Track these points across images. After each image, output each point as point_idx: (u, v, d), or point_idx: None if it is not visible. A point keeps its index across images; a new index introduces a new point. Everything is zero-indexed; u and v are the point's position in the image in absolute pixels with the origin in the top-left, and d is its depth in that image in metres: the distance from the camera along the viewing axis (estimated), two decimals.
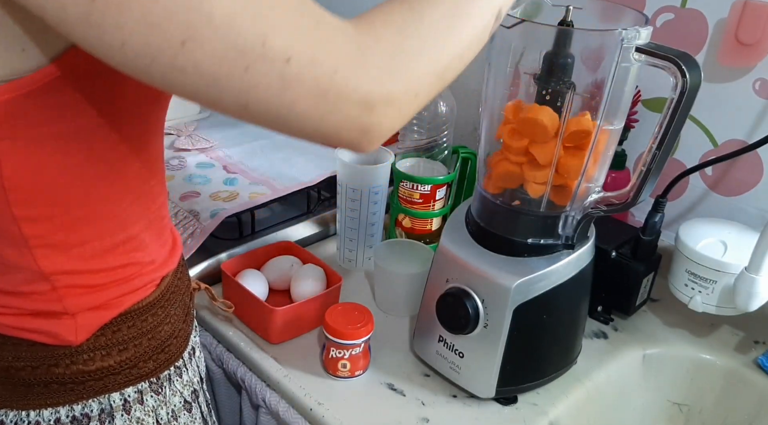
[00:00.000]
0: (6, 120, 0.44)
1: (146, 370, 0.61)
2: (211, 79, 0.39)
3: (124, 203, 0.55)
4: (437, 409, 0.75)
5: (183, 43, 0.37)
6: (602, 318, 0.91)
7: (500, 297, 0.71)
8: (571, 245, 0.73)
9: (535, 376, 0.77)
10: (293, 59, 0.39)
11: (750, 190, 0.91)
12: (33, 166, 0.47)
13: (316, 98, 0.41)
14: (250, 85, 0.39)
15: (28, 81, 0.43)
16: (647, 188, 0.68)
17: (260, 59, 0.39)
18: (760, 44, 0.83)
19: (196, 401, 0.68)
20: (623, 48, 0.62)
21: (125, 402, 0.60)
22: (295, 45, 0.39)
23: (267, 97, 0.40)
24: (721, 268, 0.80)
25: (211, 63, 0.38)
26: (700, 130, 0.93)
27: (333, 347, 0.77)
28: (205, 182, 1.06)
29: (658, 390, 0.87)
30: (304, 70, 0.40)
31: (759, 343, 0.88)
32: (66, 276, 0.54)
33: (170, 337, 0.63)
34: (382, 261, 0.89)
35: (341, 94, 0.41)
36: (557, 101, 0.66)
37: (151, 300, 0.60)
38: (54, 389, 0.57)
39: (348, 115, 0.42)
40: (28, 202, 0.49)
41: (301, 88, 0.40)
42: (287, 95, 0.40)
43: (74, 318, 0.56)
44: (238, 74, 0.39)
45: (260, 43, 0.38)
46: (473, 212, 0.78)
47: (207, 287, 0.83)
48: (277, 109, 0.41)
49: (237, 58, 0.38)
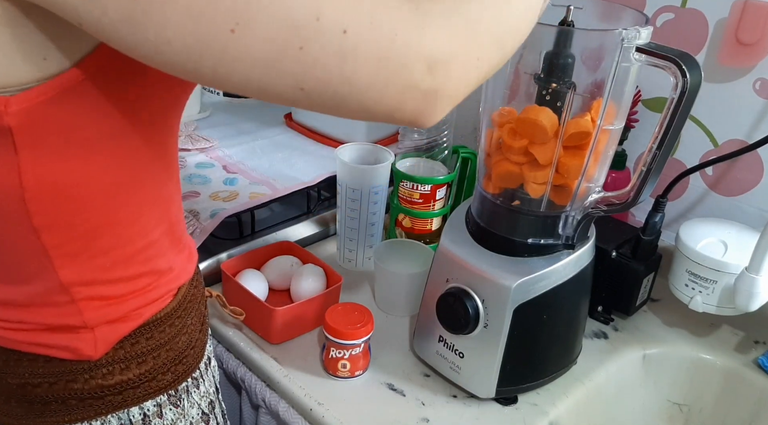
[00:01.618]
0: (26, 128, 0.43)
1: (164, 382, 0.60)
2: (264, 64, 0.37)
3: (144, 208, 0.54)
4: (437, 409, 0.75)
5: (233, 30, 0.36)
6: (602, 318, 0.91)
7: (500, 297, 0.71)
8: (571, 245, 0.73)
9: (535, 376, 0.77)
10: (350, 29, 0.37)
11: (750, 190, 0.91)
12: (53, 174, 0.46)
13: (378, 66, 0.39)
14: (306, 65, 0.38)
15: (50, 87, 0.42)
16: (647, 188, 0.68)
17: (316, 35, 0.37)
18: (760, 44, 0.83)
19: (213, 412, 0.67)
20: (623, 48, 0.62)
21: (144, 416, 0.59)
22: (350, 14, 0.37)
23: (325, 74, 0.38)
24: (721, 268, 0.80)
25: (264, 46, 0.36)
26: (701, 129, 0.93)
27: (333, 347, 0.77)
28: (205, 182, 1.06)
29: (658, 390, 0.87)
30: (363, 38, 0.38)
31: (759, 343, 0.88)
32: (85, 288, 0.53)
33: (187, 348, 0.62)
34: (382, 261, 0.89)
35: (403, 57, 0.39)
36: (557, 101, 0.66)
37: (168, 311, 0.59)
38: (72, 405, 0.56)
39: (411, 80, 0.40)
40: (47, 211, 0.47)
41: (361, 58, 0.38)
42: (347, 68, 0.38)
43: (93, 331, 0.54)
44: (293, 54, 0.37)
45: (314, 17, 0.36)
46: (473, 212, 0.78)
47: (218, 295, 0.83)
48: (336, 86, 0.39)
49: (291, 37, 0.36)
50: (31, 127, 0.43)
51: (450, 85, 0.42)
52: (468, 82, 0.44)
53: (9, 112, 0.41)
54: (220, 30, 0.36)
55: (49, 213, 0.48)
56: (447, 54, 0.41)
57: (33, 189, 0.46)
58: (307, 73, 0.38)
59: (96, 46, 0.42)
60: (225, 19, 0.35)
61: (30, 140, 0.43)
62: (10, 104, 0.41)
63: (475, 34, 0.43)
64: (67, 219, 0.49)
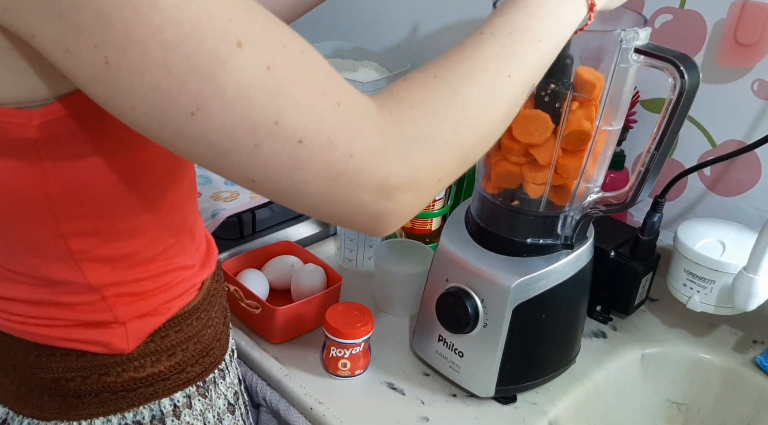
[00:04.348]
0: (50, 140, 0.44)
1: (193, 374, 0.61)
2: (218, 150, 0.37)
3: (165, 211, 0.55)
4: (437, 408, 0.76)
5: (192, 114, 0.36)
6: (601, 317, 0.91)
7: (500, 296, 0.71)
8: (570, 245, 0.73)
9: (534, 375, 0.77)
10: (306, 141, 0.37)
11: (748, 190, 0.91)
12: (78, 182, 0.47)
13: (328, 182, 0.39)
14: (258, 163, 0.38)
15: (71, 101, 0.43)
16: (646, 188, 0.68)
17: (271, 137, 0.37)
18: (758, 45, 0.84)
19: (237, 403, 0.68)
20: (622, 49, 0.62)
21: (175, 407, 0.60)
22: (310, 126, 0.37)
23: (275, 175, 0.38)
24: (719, 268, 0.81)
25: (220, 137, 0.37)
26: (699, 130, 0.93)
27: (333, 346, 0.77)
28: (206, 182, 1.07)
29: (656, 389, 0.88)
30: (317, 153, 0.38)
31: (757, 343, 0.89)
32: (114, 287, 0.54)
33: (213, 340, 0.63)
34: (382, 261, 0.89)
35: (355, 179, 0.39)
36: (556, 102, 0.66)
37: (195, 304, 0.61)
38: (105, 398, 0.57)
39: (361, 201, 0.40)
40: (74, 217, 0.49)
41: (312, 170, 0.38)
42: (297, 176, 0.38)
43: (124, 326, 0.56)
44: (247, 150, 0.37)
45: (273, 121, 0.36)
46: (473, 212, 0.78)
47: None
48: (285, 187, 0.39)
49: (247, 134, 0.36)
50: (54, 139, 0.44)
51: (404, 209, 0.42)
52: (426, 201, 0.44)
53: (33, 125, 0.42)
54: (181, 111, 0.36)
55: (75, 219, 0.49)
56: (404, 182, 0.41)
57: (59, 196, 0.47)
58: (258, 170, 0.38)
59: None
60: (187, 102, 0.36)
61: (54, 150, 0.44)
62: (33, 117, 0.42)
63: (442, 159, 0.43)
64: (92, 224, 0.50)
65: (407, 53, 1.21)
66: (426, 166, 0.42)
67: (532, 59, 0.47)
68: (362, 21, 1.29)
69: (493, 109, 0.45)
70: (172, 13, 0.34)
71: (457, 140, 0.43)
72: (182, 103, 0.36)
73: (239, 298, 0.84)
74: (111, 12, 0.33)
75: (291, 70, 0.37)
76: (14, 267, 0.51)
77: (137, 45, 0.34)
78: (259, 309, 0.83)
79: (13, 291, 0.53)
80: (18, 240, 0.50)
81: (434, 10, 1.15)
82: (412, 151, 0.41)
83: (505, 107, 0.46)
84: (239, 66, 0.35)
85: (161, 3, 0.34)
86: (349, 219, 0.42)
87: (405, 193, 0.42)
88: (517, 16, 0.48)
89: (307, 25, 1.40)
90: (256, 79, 0.36)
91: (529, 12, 0.48)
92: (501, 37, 0.46)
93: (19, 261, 0.51)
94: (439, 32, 1.15)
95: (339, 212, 0.41)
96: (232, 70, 0.35)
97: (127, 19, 0.34)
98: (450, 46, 0.46)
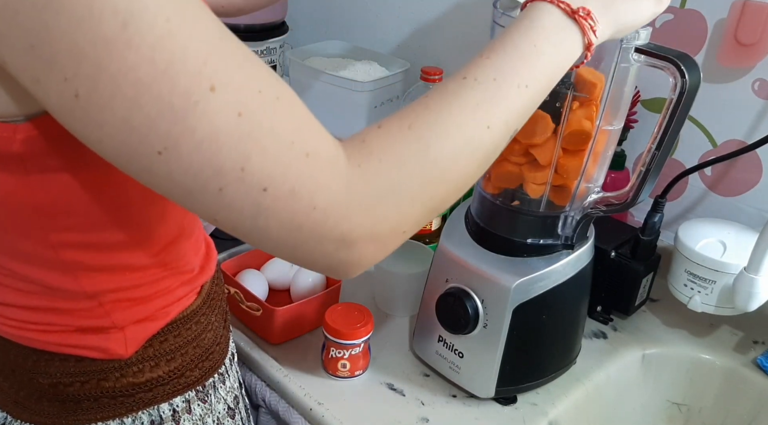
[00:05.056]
0: (37, 154, 0.43)
1: (193, 378, 0.61)
2: (183, 190, 0.37)
3: (157, 219, 0.54)
4: (437, 409, 0.76)
5: (160, 153, 0.36)
6: (602, 318, 0.91)
7: (500, 297, 0.71)
8: (570, 245, 0.73)
9: (534, 376, 0.77)
10: (270, 189, 0.37)
11: (749, 190, 0.91)
12: (66, 196, 0.47)
13: (290, 231, 0.39)
14: (222, 205, 0.38)
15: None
16: (646, 188, 0.68)
17: (236, 183, 0.37)
18: (759, 44, 0.83)
19: (237, 407, 0.68)
20: (622, 48, 0.62)
21: (174, 412, 0.60)
22: (275, 175, 0.37)
23: (239, 218, 0.38)
24: (720, 268, 0.80)
25: (185, 177, 0.37)
26: (700, 130, 0.93)
27: (333, 347, 0.77)
28: None
29: (657, 390, 0.88)
30: (281, 201, 0.38)
31: (758, 343, 0.88)
32: (111, 294, 0.54)
33: (213, 344, 0.63)
34: (382, 261, 0.89)
35: (317, 231, 0.39)
36: (556, 102, 0.66)
37: (194, 308, 0.61)
38: (104, 403, 0.57)
39: (323, 250, 0.41)
40: (64, 229, 0.48)
41: (275, 217, 0.38)
42: (260, 221, 0.39)
43: (123, 331, 0.55)
44: (212, 192, 0.37)
45: (239, 167, 0.36)
46: (473, 212, 0.78)
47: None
48: (248, 230, 0.39)
49: (212, 177, 0.37)
50: (39, 153, 0.43)
51: (365, 260, 0.42)
52: (389, 251, 0.44)
53: (17, 139, 0.42)
54: (149, 149, 0.36)
55: (66, 231, 0.48)
56: (367, 234, 0.41)
57: (47, 209, 0.47)
58: (221, 211, 0.38)
59: None
60: (156, 140, 0.35)
61: (39, 164, 0.44)
62: (18, 132, 0.42)
63: (408, 212, 0.43)
64: (83, 237, 0.50)
65: (407, 53, 1.21)
66: (390, 220, 0.42)
67: (516, 106, 0.46)
68: (362, 21, 1.28)
69: (467, 162, 0.44)
70: (147, 52, 0.34)
71: (425, 194, 0.43)
72: (150, 141, 0.35)
73: (240, 300, 0.84)
74: (84, 47, 0.33)
75: (262, 117, 0.37)
76: (10, 274, 0.51)
77: (109, 81, 0.34)
78: (260, 311, 0.83)
79: (9, 296, 0.53)
80: (11, 250, 0.49)
81: (434, 10, 1.15)
82: (377, 205, 0.41)
83: (481, 158, 0.45)
84: (210, 110, 0.35)
85: (136, 41, 0.33)
86: (311, 264, 0.42)
87: (367, 245, 0.42)
88: (505, 58, 0.46)
89: (307, 24, 1.40)
90: (226, 125, 0.36)
91: (519, 53, 0.46)
92: (485, 83, 0.45)
93: (15, 269, 0.51)
94: (439, 32, 1.14)
95: (302, 258, 0.41)
96: (202, 114, 0.35)
97: (101, 55, 0.33)
98: (450, 45, 0.46)
